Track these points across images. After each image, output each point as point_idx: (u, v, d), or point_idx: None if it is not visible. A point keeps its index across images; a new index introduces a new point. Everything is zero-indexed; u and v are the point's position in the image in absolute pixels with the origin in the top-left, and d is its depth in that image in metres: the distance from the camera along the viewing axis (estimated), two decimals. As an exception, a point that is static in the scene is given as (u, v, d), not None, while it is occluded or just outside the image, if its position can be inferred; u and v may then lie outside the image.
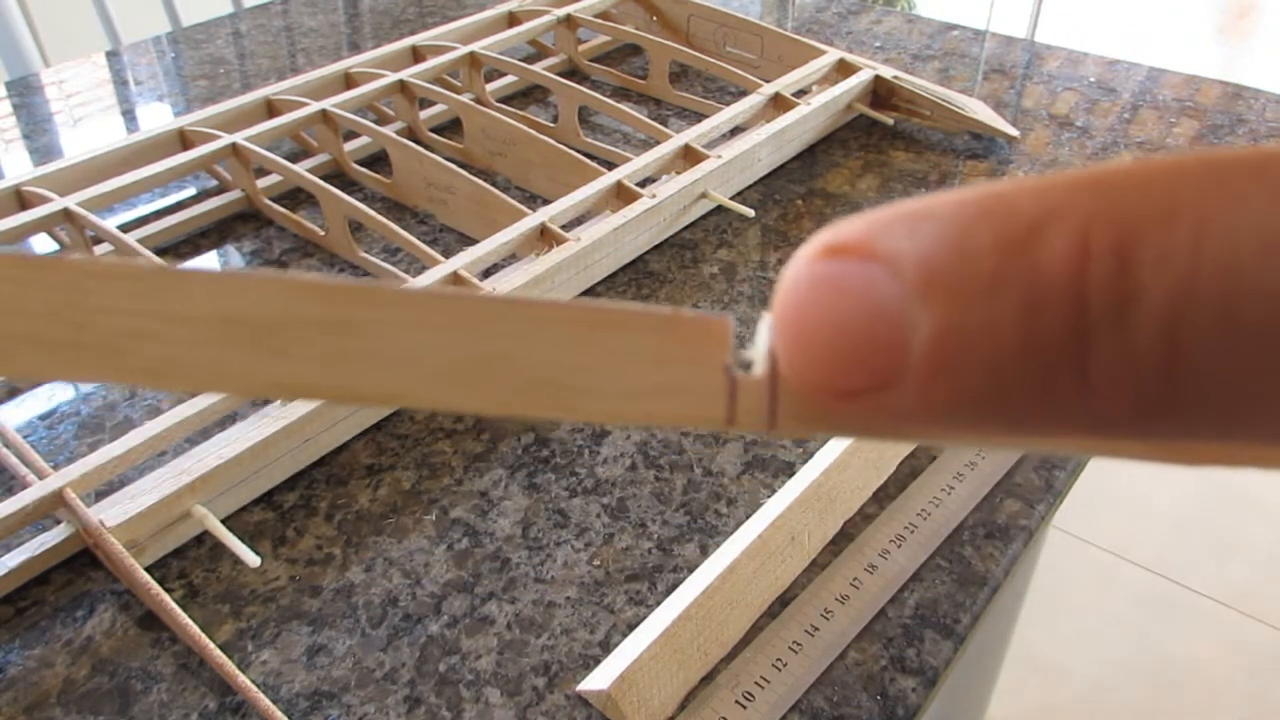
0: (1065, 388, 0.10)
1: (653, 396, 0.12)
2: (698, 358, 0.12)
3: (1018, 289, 0.09)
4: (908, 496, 0.38)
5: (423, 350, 0.11)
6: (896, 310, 0.10)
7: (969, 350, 0.10)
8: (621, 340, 0.11)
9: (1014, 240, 0.10)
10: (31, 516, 0.34)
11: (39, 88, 0.70)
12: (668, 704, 0.31)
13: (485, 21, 0.69)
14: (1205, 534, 1.35)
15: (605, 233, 0.48)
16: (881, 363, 0.10)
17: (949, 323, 0.10)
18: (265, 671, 0.32)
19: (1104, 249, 0.09)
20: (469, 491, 0.38)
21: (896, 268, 0.10)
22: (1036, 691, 1.17)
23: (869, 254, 0.10)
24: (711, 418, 0.12)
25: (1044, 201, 0.10)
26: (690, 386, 0.12)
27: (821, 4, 0.85)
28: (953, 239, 0.10)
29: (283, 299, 0.11)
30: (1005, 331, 0.10)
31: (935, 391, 0.10)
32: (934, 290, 0.10)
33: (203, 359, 0.11)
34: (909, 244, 0.10)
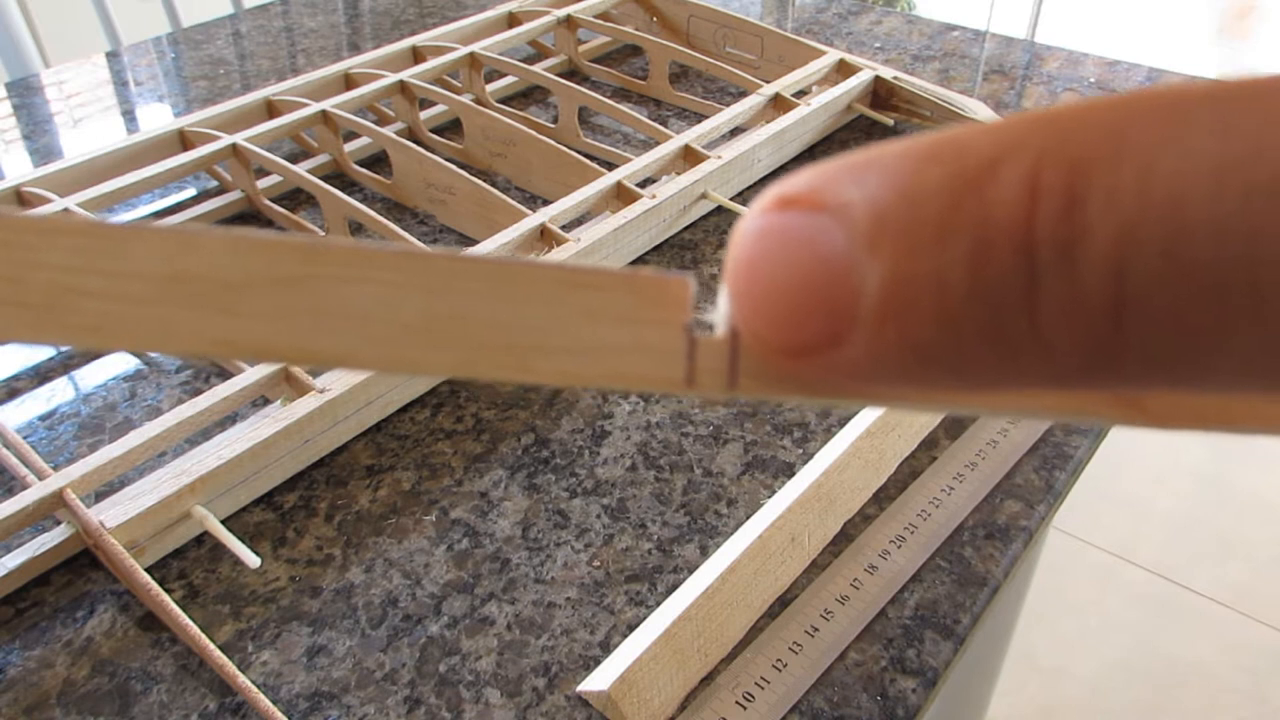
0: (1015, 334, 0.09)
1: (612, 356, 0.11)
2: (658, 318, 0.11)
3: (966, 232, 0.09)
4: (908, 497, 0.38)
5: (376, 308, 0.11)
6: (844, 261, 0.10)
7: (918, 299, 0.09)
8: (581, 299, 0.11)
9: (963, 182, 0.09)
10: (32, 517, 0.34)
11: (39, 88, 0.70)
12: (668, 705, 0.31)
13: (485, 22, 0.69)
14: (1205, 534, 1.35)
15: (605, 233, 0.48)
16: (831, 316, 0.10)
17: (897, 271, 0.10)
18: (265, 672, 0.32)
19: (1052, 189, 0.09)
20: (469, 492, 0.38)
21: (844, 217, 0.10)
22: (1037, 692, 1.17)
23: (816, 204, 0.10)
24: (670, 378, 0.11)
25: (995, 141, 0.09)
26: (650, 346, 0.11)
27: (821, 5, 0.85)
28: (900, 184, 0.10)
29: (232, 255, 0.11)
30: (954, 277, 0.09)
31: (886, 344, 0.10)
32: (882, 238, 0.10)
33: (147, 316, 0.11)
34: (857, 192, 0.10)
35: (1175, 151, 0.09)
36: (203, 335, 0.11)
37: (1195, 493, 1.41)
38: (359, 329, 0.11)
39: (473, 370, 0.11)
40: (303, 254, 0.11)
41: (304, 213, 0.54)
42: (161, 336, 0.11)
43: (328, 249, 0.11)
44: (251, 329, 0.11)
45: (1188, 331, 0.09)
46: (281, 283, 0.11)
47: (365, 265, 0.11)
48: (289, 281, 0.11)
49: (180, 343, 0.11)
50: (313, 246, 0.11)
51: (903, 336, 0.10)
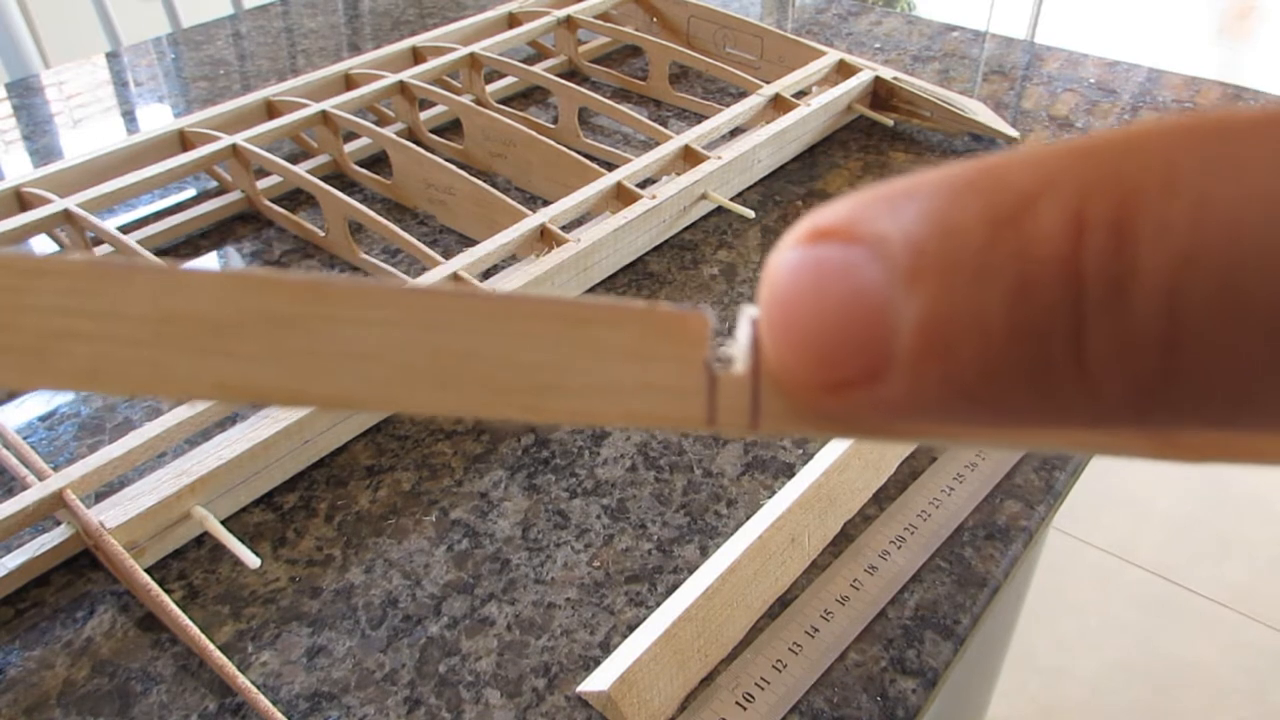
0: (1061, 374, 0.09)
1: (628, 395, 0.11)
2: (675, 354, 0.11)
3: (1008, 268, 0.09)
4: (908, 497, 0.38)
5: (378, 348, 0.10)
6: (881, 296, 0.09)
7: (958, 337, 0.09)
8: (594, 336, 0.11)
9: (1003, 215, 0.09)
10: (32, 518, 0.34)
11: (39, 89, 0.70)
12: (668, 705, 0.31)
13: (485, 23, 0.69)
14: (1205, 535, 1.35)
15: (605, 234, 0.48)
16: (867, 353, 0.10)
17: (936, 308, 0.09)
18: (265, 672, 0.32)
19: (1099, 222, 0.09)
20: (469, 493, 0.38)
21: (880, 250, 0.10)
22: (1037, 693, 1.17)
23: (851, 236, 0.10)
24: (691, 417, 0.11)
25: (1035, 173, 0.09)
26: (668, 384, 0.11)
27: (821, 5, 0.85)
28: (937, 216, 0.09)
29: (228, 295, 0.10)
30: (995, 315, 0.09)
31: (924, 383, 0.09)
32: (919, 273, 0.09)
33: (141, 360, 0.10)
34: (893, 224, 0.10)
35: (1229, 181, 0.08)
36: (199, 379, 0.10)
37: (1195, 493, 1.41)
38: (361, 370, 0.10)
39: (482, 410, 0.11)
40: (301, 293, 0.10)
41: (304, 213, 0.54)
42: (157, 380, 0.10)
43: (327, 287, 0.10)
44: (249, 372, 0.10)
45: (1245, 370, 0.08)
46: (279, 323, 0.10)
47: (366, 304, 0.10)
48: (287, 321, 0.10)
49: (176, 386, 0.10)
50: (311, 285, 0.10)
51: (942, 375, 0.09)
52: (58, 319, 0.10)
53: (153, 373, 0.10)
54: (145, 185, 0.51)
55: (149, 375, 0.10)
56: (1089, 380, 0.09)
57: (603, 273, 0.49)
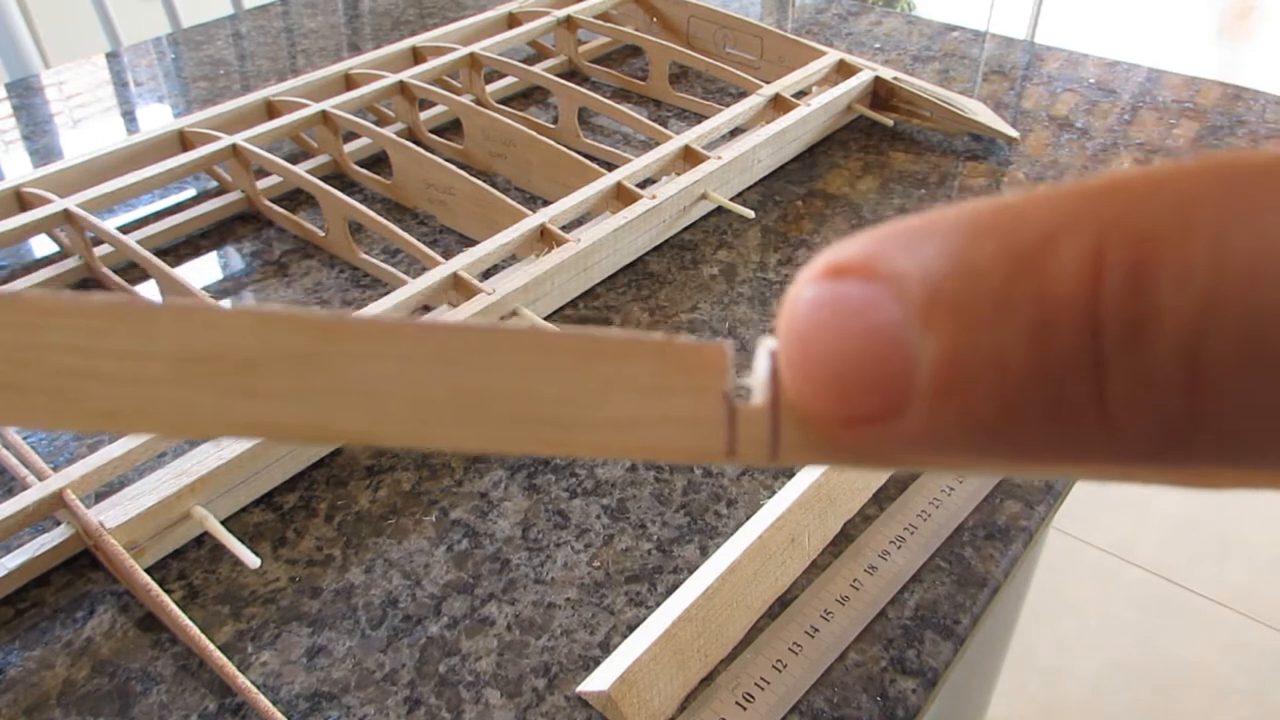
0: (1080, 415, 0.09)
1: (647, 428, 0.11)
2: (694, 386, 0.11)
3: (1026, 309, 0.09)
4: (908, 497, 0.38)
5: (399, 385, 0.10)
6: (899, 333, 0.10)
7: (976, 377, 0.09)
8: (611, 370, 0.11)
9: (1021, 254, 0.09)
10: (32, 518, 0.34)
11: (39, 89, 0.70)
12: (668, 705, 0.31)
13: (485, 23, 0.69)
14: (1205, 535, 1.35)
15: (605, 234, 0.48)
16: (886, 389, 0.10)
17: (954, 348, 0.09)
18: (265, 673, 0.32)
19: (1119, 265, 0.09)
20: (469, 493, 0.38)
21: (899, 288, 0.10)
22: (1037, 692, 1.17)
23: (870, 274, 0.10)
24: (710, 449, 0.11)
25: (1054, 212, 0.09)
26: (687, 417, 0.11)
27: (821, 5, 0.85)
28: (956, 255, 0.09)
29: (249, 334, 0.10)
30: (1014, 356, 0.09)
31: (941, 419, 0.10)
32: (937, 312, 0.09)
33: (163, 399, 0.10)
34: (911, 262, 0.10)
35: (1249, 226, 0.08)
36: (223, 418, 0.10)
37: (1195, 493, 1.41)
38: (382, 406, 0.10)
39: (501, 445, 0.11)
40: (321, 330, 0.10)
41: (304, 213, 0.54)
42: (181, 420, 0.10)
43: (346, 324, 0.10)
44: (271, 410, 0.10)
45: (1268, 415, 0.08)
46: (300, 360, 0.10)
47: (385, 340, 0.10)
48: (308, 359, 0.10)
49: (200, 426, 0.10)
50: (331, 322, 0.10)
51: (959, 412, 0.09)
52: (77, 359, 0.10)
53: (174, 412, 0.10)
54: (145, 185, 0.51)
55: (170, 415, 0.10)
56: (1108, 420, 0.09)
57: (603, 273, 0.49)
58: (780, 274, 0.51)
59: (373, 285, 0.50)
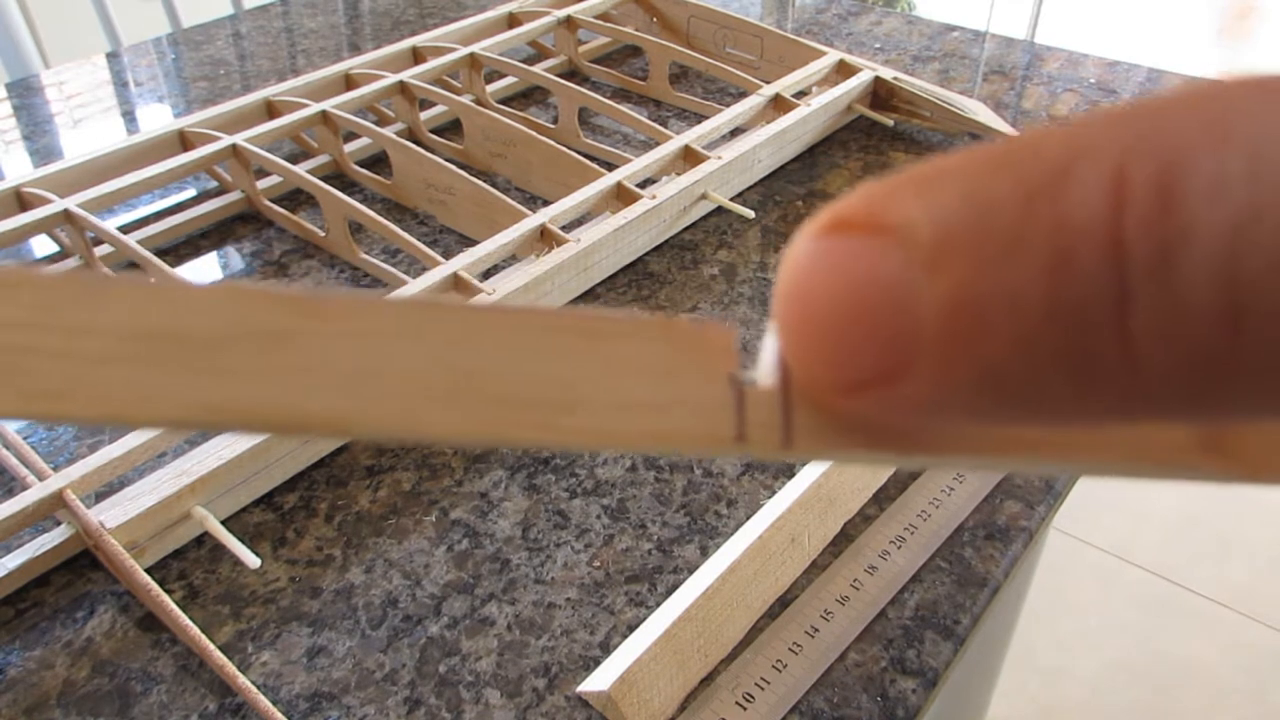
0: (1104, 355, 0.08)
1: (650, 413, 0.10)
2: (699, 369, 0.10)
3: (1041, 242, 0.08)
4: (908, 498, 0.38)
5: (381, 365, 0.10)
6: (904, 284, 0.09)
7: (986, 320, 0.08)
8: (610, 351, 0.10)
9: (1035, 186, 0.08)
10: (32, 518, 0.34)
11: (39, 89, 0.70)
12: (668, 705, 0.31)
13: (485, 23, 0.69)
14: (1205, 534, 1.35)
15: (605, 234, 0.48)
16: (890, 347, 0.09)
17: (962, 290, 0.08)
18: (265, 673, 0.32)
19: (1143, 182, 0.08)
20: (469, 493, 0.38)
21: (904, 237, 0.09)
22: (1037, 692, 1.17)
23: (873, 226, 0.09)
24: (718, 435, 0.10)
25: (1071, 140, 0.08)
26: (692, 401, 0.10)
27: (821, 5, 0.85)
28: (964, 196, 0.09)
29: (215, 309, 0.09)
30: (1029, 294, 0.08)
31: (951, 374, 0.09)
32: (944, 255, 0.09)
33: (115, 380, 0.09)
34: (917, 210, 0.09)
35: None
36: (182, 401, 0.09)
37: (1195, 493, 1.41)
38: (362, 388, 0.10)
39: (493, 432, 0.10)
40: (295, 306, 0.09)
41: (304, 213, 0.54)
42: (134, 403, 0.09)
43: (325, 300, 0.10)
44: (239, 392, 0.09)
45: None
46: (272, 338, 0.09)
47: (368, 317, 0.10)
48: (280, 337, 0.09)
49: (156, 410, 0.09)
50: (306, 298, 0.10)
51: (970, 364, 0.09)
52: (19, 334, 0.09)
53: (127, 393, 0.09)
54: (145, 185, 0.51)
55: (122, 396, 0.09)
56: (1135, 360, 0.08)
57: (603, 273, 0.49)
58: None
59: (373, 285, 0.50)
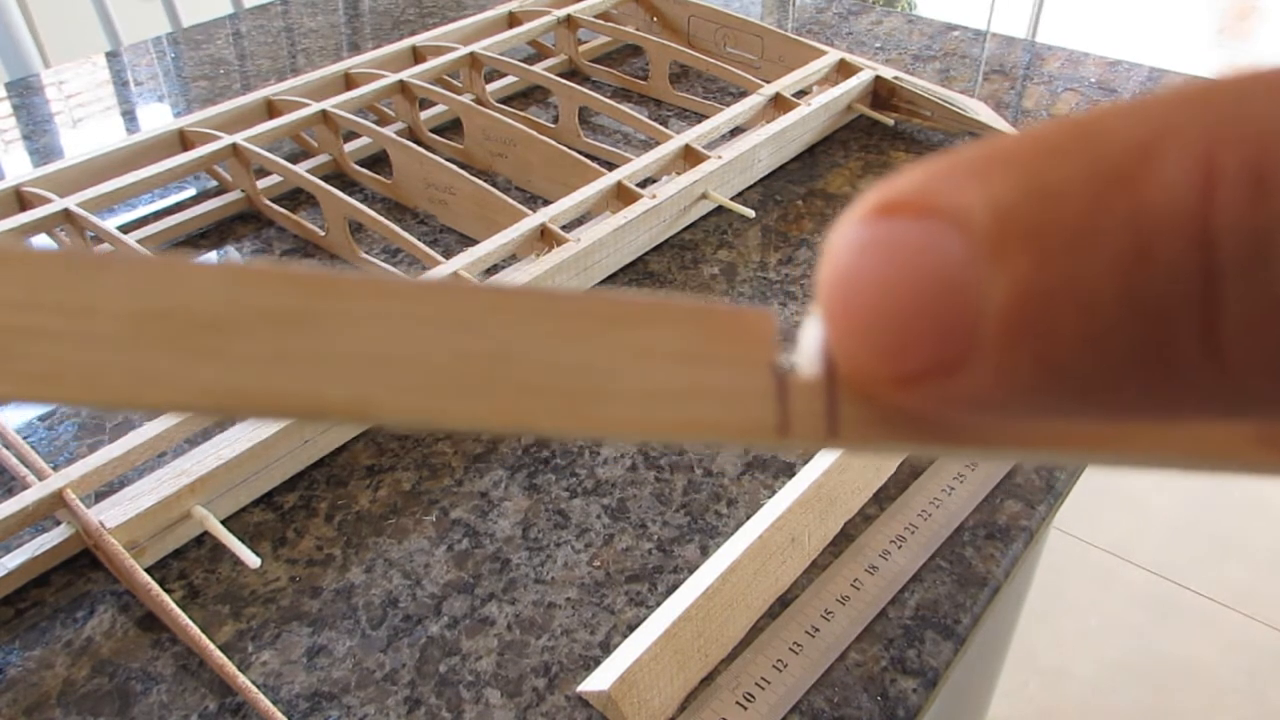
0: (1185, 354, 0.08)
1: (685, 402, 0.09)
2: (737, 356, 0.10)
3: (1119, 232, 0.08)
4: (908, 497, 0.38)
5: (398, 348, 0.09)
6: (962, 272, 0.08)
7: (1056, 313, 0.08)
8: (644, 336, 0.09)
9: (1110, 171, 0.08)
10: (31, 518, 0.34)
11: (39, 88, 0.70)
12: (668, 705, 0.31)
13: (485, 22, 0.69)
14: (1205, 535, 1.35)
15: (605, 233, 0.48)
16: (947, 338, 0.08)
17: (1030, 281, 0.08)
18: (265, 672, 0.32)
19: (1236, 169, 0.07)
20: (469, 492, 0.38)
21: (961, 221, 0.08)
22: (1037, 693, 1.17)
23: (927, 209, 0.09)
24: (759, 425, 0.10)
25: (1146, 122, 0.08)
26: (731, 390, 0.10)
27: (822, 5, 0.85)
28: (1028, 180, 0.08)
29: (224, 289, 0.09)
30: (1104, 287, 0.08)
31: (1013, 368, 0.08)
32: (1009, 243, 0.08)
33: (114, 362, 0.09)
34: (976, 192, 0.08)
35: None
36: (187, 385, 0.09)
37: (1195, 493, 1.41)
38: (379, 374, 0.09)
39: (518, 420, 0.09)
40: (307, 287, 0.09)
41: (304, 213, 0.54)
42: (136, 386, 0.09)
43: (340, 281, 0.09)
44: (247, 376, 0.09)
45: None
46: (282, 320, 0.09)
47: (386, 299, 0.09)
48: (291, 318, 0.09)
49: (160, 394, 0.09)
50: (319, 278, 0.09)
51: (1036, 358, 0.08)
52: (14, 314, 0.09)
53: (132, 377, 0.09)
54: (145, 185, 0.51)
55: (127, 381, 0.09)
56: (1219, 358, 0.08)
57: (603, 272, 0.49)
58: (781, 273, 0.51)
59: (373, 285, 0.49)
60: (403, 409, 0.09)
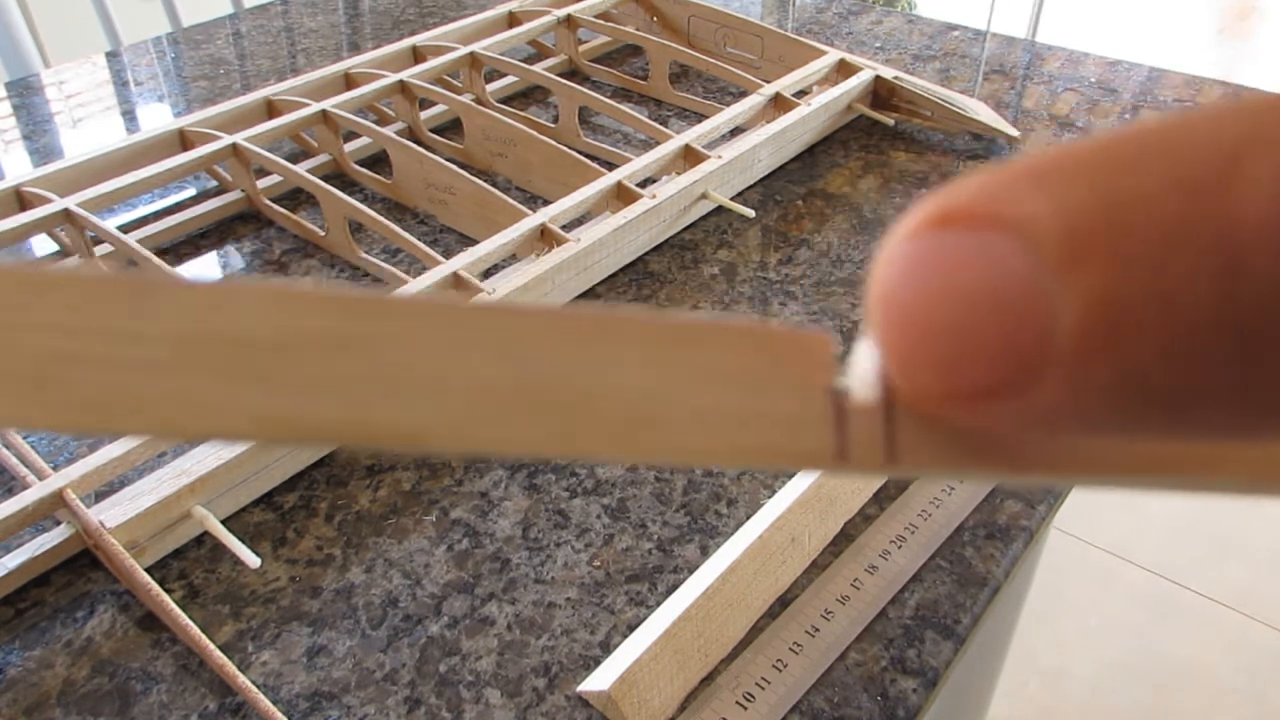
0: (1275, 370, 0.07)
1: (740, 428, 0.09)
2: (794, 381, 0.09)
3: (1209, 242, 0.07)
4: (908, 497, 0.38)
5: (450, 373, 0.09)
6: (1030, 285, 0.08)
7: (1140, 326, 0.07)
8: (696, 359, 0.09)
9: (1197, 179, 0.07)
10: (32, 517, 0.34)
11: (39, 88, 0.70)
12: (668, 705, 0.31)
13: (485, 22, 0.69)
14: (1205, 535, 1.35)
15: (605, 233, 0.48)
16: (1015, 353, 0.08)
17: (1109, 293, 0.08)
18: (265, 672, 0.32)
19: None
20: (469, 492, 0.38)
21: (1029, 233, 0.08)
22: (1037, 692, 1.17)
23: (990, 220, 0.08)
24: (816, 451, 0.09)
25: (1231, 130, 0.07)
26: (787, 415, 0.09)
27: (822, 4, 0.85)
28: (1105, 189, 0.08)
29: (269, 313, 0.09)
30: (1190, 301, 0.07)
31: (1089, 384, 0.08)
32: (1085, 253, 0.08)
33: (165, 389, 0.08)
34: (1044, 202, 0.08)
35: None
36: (236, 412, 0.09)
37: (1195, 493, 1.41)
38: (432, 399, 0.09)
39: (569, 446, 0.09)
40: (356, 309, 0.09)
41: (304, 213, 0.54)
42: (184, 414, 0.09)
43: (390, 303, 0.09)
44: (297, 402, 0.09)
45: None
46: (333, 344, 0.09)
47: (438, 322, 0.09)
48: (341, 343, 0.09)
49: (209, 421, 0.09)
50: (368, 300, 0.09)
51: (1114, 374, 0.08)
52: (62, 340, 0.08)
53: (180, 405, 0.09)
54: (145, 185, 0.51)
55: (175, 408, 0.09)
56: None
57: (603, 272, 0.49)
58: (781, 273, 0.51)
59: (373, 285, 0.49)
60: (454, 435, 0.09)
